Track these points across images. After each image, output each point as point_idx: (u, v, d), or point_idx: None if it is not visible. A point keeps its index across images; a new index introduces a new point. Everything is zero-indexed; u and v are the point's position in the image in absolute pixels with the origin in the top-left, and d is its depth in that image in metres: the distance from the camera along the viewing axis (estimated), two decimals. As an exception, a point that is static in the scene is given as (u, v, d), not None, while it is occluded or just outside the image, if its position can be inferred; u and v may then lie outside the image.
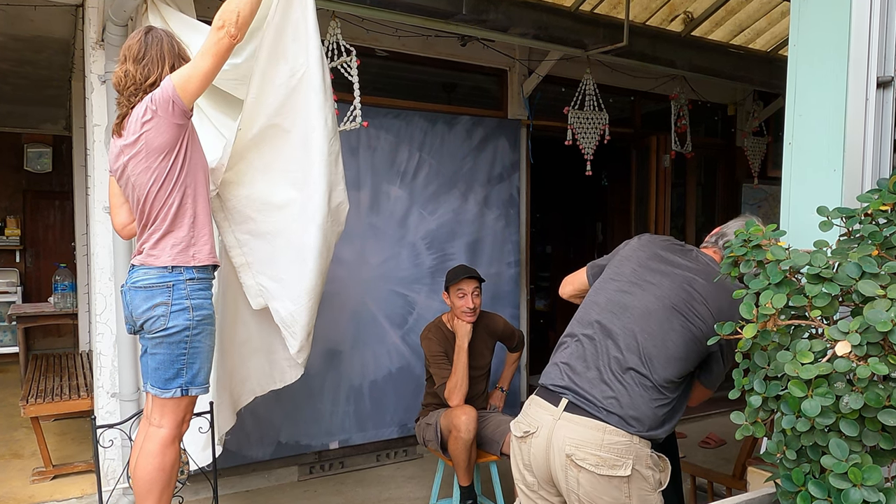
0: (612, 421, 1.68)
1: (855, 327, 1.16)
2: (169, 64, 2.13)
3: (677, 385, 1.75)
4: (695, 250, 1.90)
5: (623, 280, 1.85)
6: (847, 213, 1.37)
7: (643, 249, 1.90)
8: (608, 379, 1.72)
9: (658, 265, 1.84)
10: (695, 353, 1.75)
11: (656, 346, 1.72)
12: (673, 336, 1.73)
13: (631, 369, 1.72)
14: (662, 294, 1.77)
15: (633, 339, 1.74)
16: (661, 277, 1.81)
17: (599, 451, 1.67)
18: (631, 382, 1.71)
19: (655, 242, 1.91)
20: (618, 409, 1.69)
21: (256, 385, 2.61)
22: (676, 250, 1.88)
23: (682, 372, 1.74)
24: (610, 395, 1.70)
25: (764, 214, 5.86)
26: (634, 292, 1.81)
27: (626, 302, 1.80)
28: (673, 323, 1.74)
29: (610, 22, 3.87)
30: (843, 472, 1.15)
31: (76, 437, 4.28)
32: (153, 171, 2.08)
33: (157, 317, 2.09)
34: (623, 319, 1.78)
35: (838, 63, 1.64)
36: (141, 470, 2.14)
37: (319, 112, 2.14)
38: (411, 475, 3.90)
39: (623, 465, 1.66)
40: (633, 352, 1.73)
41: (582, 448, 1.68)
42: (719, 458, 4.09)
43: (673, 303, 1.76)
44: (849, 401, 1.14)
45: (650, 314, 1.76)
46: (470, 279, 3.22)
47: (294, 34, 2.12)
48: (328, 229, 2.23)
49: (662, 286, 1.79)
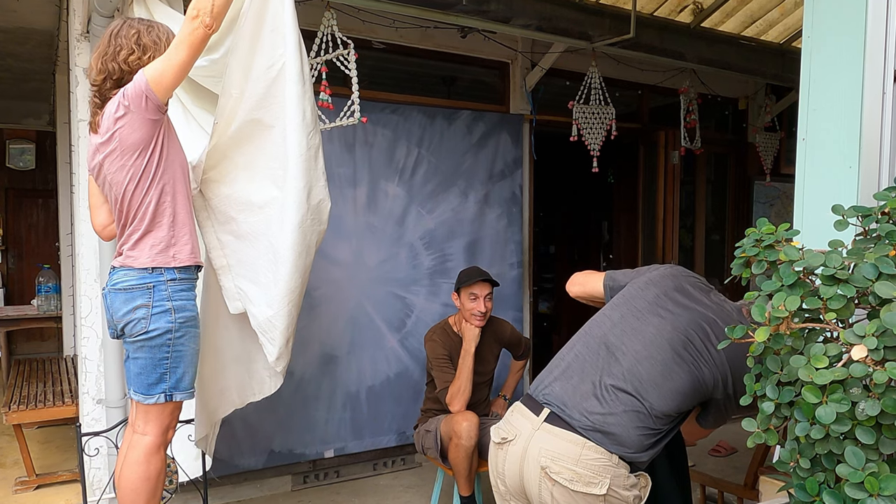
0: (592, 437, 1.68)
1: (871, 330, 1.16)
2: (137, 56, 2.10)
3: (671, 419, 1.75)
4: (721, 296, 1.91)
5: (643, 302, 1.86)
6: (863, 212, 1.37)
7: (671, 279, 1.91)
8: (600, 395, 1.73)
9: (682, 298, 1.85)
10: (697, 395, 1.76)
11: (661, 375, 1.73)
12: (679, 371, 1.73)
13: (626, 392, 1.72)
14: (679, 326, 1.79)
15: (638, 364, 1.75)
16: (681, 310, 1.82)
17: (575, 467, 1.67)
18: (623, 404, 1.71)
19: (685, 276, 1.94)
20: (602, 427, 1.69)
21: (236, 396, 2.56)
22: (703, 290, 1.90)
23: (679, 408, 1.74)
24: (597, 412, 1.71)
25: (776, 213, 5.86)
26: (651, 319, 1.82)
27: (640, 326, 1.81)
28: (683, 357, 1.75)
29: (616, 13, 3.87)
30: (859, 482, 1.14)
31: (61, 445, 4.28)
32: (129, 170, 2.06)
33: (137, 319, 2.08)
34: (633, 342, 1.79)
35: (854, 55, 1.64)
36: (125, 479, 2.13)
37: (297, 105, 2.11)
38: (410, 484, 3.90)
39: (599, 483, 1.66)
40: (634, 375, 1.73)
41: (558, 461, 1.68)
42: (730, 467, 4.08)
43: (688, 337, 1.77)
44: (865, 407, 1.14)
45: (661, 344, 1.77)
46: (484, 282, 3.24)
47: (272, 24, 2.09)
48: (308, 228, 2.20)
49: (681, 318, 1.80)
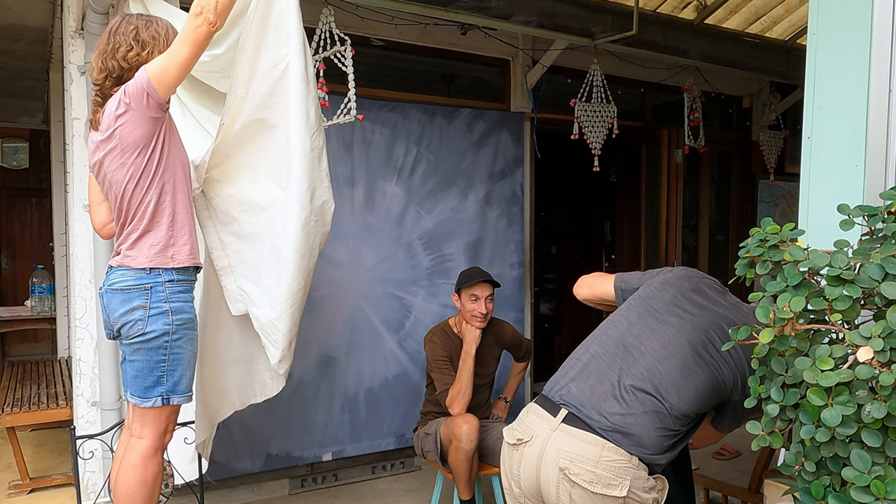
0: (612, 438, 1.68)
1: (878, 332, 1.16)
2: (136, 52, 2.10)
3: (690, 420, 1.77)
4: (736, 298, 1.92)
5: (660, 303, 1.87)
6: (869, 211, 1.37)
7: (687, 280, 1.92)
8: (619, 395, 1.73)
9: (700, 299, 1.86)
10: (716, 395, 1.77)
11: (682, 375, 1.74)
12: (699, 371, 1.74)
13: (646, 392, 1.72)
14: (699, 326, 1.80)
15: (658, 365, 1.75)
16: (700, 310, 1.83)
17: (595, 468, 1.67)
18: (643, 404, 1.71)
19: (700, 278, 1.95)
20: (622, 427, 1.69)
21: (236, 398, 2.58)
22: (719, 292, 1.92)
23: (698, 409, 1.76)
24: (616, 412, 1.71)
25: (781, 212, 5.87)
26: (669, 319, 1.83)
27: (658, 327, 1.82)
28: (704, 357, 1.76)
29: (618, 9, 3.87)
30: (865, 485, 1.14)
31: (55, 448, 4.28)
32: (129, 168, 2.07)
33: (134, 321, 2.08)
34: (651, 342, 1.79)
35: (860, 52, 1.63)
36: (121, 483, 2.14)
37: (301, 105, 2.13)
38: (409, 488, 3.90)
39: (619, 485, 1.66)
40: (653, 375, 1.74)
41: (577, 462, 1.68)
42: (734, 471, 4.08)
43: (708, 338, 1.78)
44: (871, 410, 1.14)
45: (681, 344, 1.77)
46: (485, 283, 3.25)
47: (277, 23, 2.11)
48: (311, 230, 2.22)
49: (701, 319, 1.81)
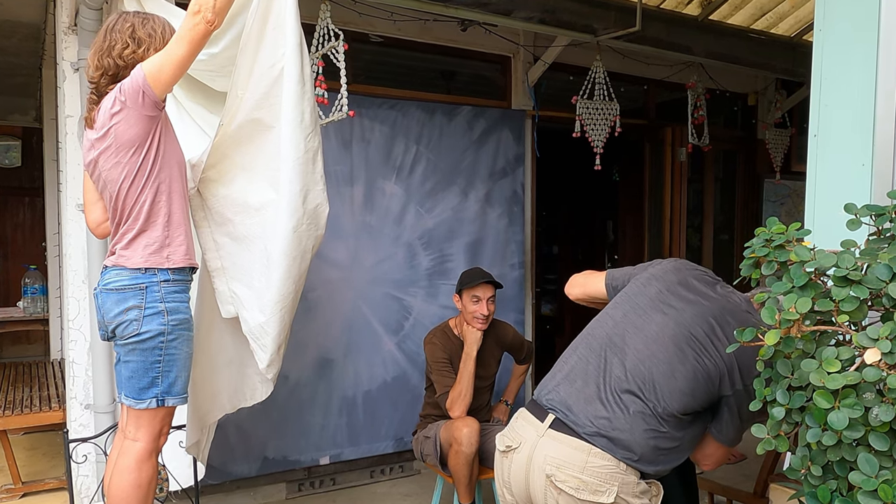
0: (598, 443, 1.68)
1: (885, 333, 1.16)
2: (132, 49, 2.10)
3: (681, 422, 1.73)
4: (729, 287, 1.89)
5: (645, 299, 1.85)
6: (877, 211, 1.37)
7: (675, 273, 1.89)
8: (605, 398, 1.72)
9: (686, 293, 1.83)
10: (703, 392, 1.73)
11: (664, 373, 1.72)
12: (682, 368, 1.72)
13: (631, 392, 1.71)
14: (683, 321, 1.77)
15: (642, 363, 1.74)
16: (685, 304, 1.80)
17: (581, 475, 1.66)
18: (628, 406, 1.70)
19: (689, 269, 1.91)
20: (608, 432, 1.68)
21: (227, 401, 2.58)
22: (709, 283, 1.88)
23: (687, 408, 1.72)
24: (602, 416, 1.70)
25: (787, 212, 5.87)
26: (654, 316, 1.81)
27: (642, 324, 1.80)
28: (686, 353, 1.73)
29: (621, 5, 3.87)
30: (872, 489, 1.14)
31: (47, 451, 4.27)
32: (124, 167, 2.07)
33: (129, 321, 2.08)
34: (635, 341, 1.78)
35: (867, 48, 1.63)
36: (115, 487, 2.13)
37: (295, 106, 2.13)
38: (408, 492, 3.90)
39: (606, 491, 1.65)
40: (638, 375, 1.73)
41: (563, 469, 1.68)
42: (739, 475, 4.07)
43: (692, 332, 1.75)
44: (879, 413, 1.14)
45: (665, 340, 1.75)
46: (487, 284, 3.24)
47: (275, 21, 2.11)
48: (304, 233, 2.22)
49: (685, 313, 1.78)
